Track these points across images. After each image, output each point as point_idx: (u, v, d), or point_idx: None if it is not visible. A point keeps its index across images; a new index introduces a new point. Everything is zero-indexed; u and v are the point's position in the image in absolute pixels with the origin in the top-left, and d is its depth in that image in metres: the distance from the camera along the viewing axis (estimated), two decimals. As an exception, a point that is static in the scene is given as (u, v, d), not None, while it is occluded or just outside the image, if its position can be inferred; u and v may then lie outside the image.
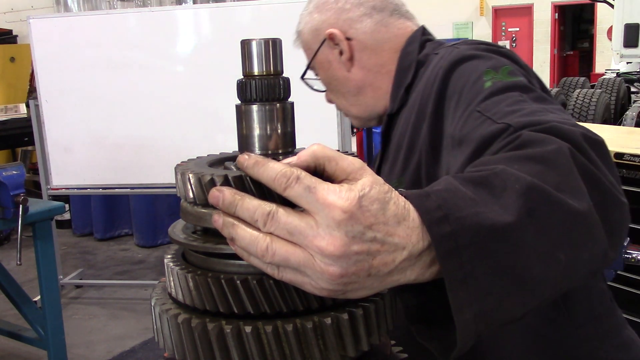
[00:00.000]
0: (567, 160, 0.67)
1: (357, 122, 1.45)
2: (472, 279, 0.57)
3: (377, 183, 0.57)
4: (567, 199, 0.62)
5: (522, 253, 0.59)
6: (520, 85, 0.94)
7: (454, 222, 0.57)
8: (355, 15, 1.31)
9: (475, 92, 0.96)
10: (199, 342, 0.62)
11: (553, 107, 0.89)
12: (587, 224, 0.64)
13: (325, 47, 1.33)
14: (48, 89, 4.67)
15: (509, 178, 0.62)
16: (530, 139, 0.72)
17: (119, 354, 3.96)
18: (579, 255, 0.63)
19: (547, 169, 0.65)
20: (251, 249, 0.57)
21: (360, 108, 1.38)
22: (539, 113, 0.84)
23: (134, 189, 5.01)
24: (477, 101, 0.94)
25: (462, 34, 15.89)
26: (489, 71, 0.98)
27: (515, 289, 0.59)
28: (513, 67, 1.01)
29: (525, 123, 0.79)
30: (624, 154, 2.75)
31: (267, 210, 0.56)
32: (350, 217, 0.54)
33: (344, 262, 0.55)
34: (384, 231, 0.56)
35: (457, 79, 1.04)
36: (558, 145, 0.69)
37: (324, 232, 0.54)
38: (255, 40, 0.68)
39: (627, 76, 8.19)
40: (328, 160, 0.58)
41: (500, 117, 0.85)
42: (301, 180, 0.55)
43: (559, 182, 0.64)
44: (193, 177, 0.65)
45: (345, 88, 1.36)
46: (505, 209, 0.59)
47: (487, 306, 0.58)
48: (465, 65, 1.04)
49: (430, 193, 0.59)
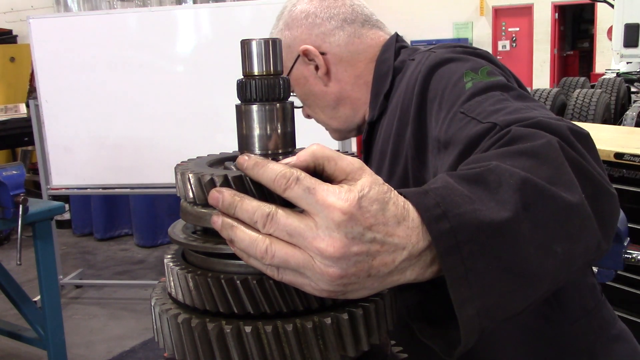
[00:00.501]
0: (558, 154, 0.67)
1: (336, 135, 1.43)
2: (473, 275, 0.57)
3: (377, 183, 0.57)
4: (561, 192, 0.63)
5: (521, 247, 0.59)
6: (500, 85, 0.95)
7: (453, 219, 0.57)
8: (327, 29, 1.30)
9: (456, 93, 0.97)
10: (199, 342, 0.62)
11: (535, 104, 0.89)
12: (581, 216, 0.64)
13: (300, 63, 1.32)
14: (48, 89, 4.68)
15: (503, 173, 0.63)
16: (519, 134, 0.72)
17: (119, 354, 3.97)
18: (574, 247, 0.64)
19: (539, 163, 0.66)
20: (250, 250, 0.57)
21: (340, 120, 1.37)
22: (522, 110, 0.84)
23: (134, 189, 5.01)
24: (460, 102, 0.94)
25: (462, 34, 15.90)
26: (469, 72, 0.99)
27: (516, 283, 0.60)
28: (491, 67, 1.01)
29: (511, 120, 0.79)
30: (624, 154, 2.75)
31: (267, 212, 0.56)
32: (350, 218, 0.54)
33: (344, 263, 0.55)
34: (383, 232, 0.56)
35: (437, 82, 1.04)
36: (547, 139, 0.69)
37: (323, 234, 0.54)
38: (255, 40, 0.68)
39: (627, 76, 8.20)
40: (327, 161, 0.58)
41: (485, 117, 0.86)
42: (301, 182, 0.55)
43: (551, 175, 0.64)
44: (193, 177, 0.65)
45: (324, 102, 1.35)
46: (501, 204, 0.60)
47: (490, 301, 0.59)
48: (444, 69, 1.04)
49: (428, 191, 0.60)
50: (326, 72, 1.31)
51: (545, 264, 0.61)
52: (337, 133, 1.42)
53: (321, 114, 1.38)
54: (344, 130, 1.41)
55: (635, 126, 6.03)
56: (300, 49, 1.30)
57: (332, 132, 1.43)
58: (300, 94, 1.38)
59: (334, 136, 1.45)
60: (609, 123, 6.66)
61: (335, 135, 1.44)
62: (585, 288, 1.15)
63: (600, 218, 0.67)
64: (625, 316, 2.74)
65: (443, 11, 15.81)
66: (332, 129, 1.42)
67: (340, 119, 1.37)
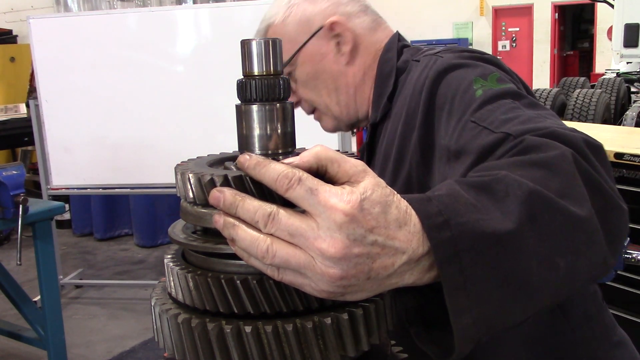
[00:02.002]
0: (570, 166, 0.67)
1: (331, 123, 1.34)
2: (471, 284, 0.57)
3: (379, 186, 0.57)
4: (569, 206, 0.63)
5: (523, 259, 0.59)
6: (510, 92, 0.93)
7: (454, 228, 0.57)
8: (354, 10, 1.27)
9: (466, 101, 0.95)
10: (199, 342, 0.62)
11: (546, 113, 0.88)
12: (588, 230, 0.64)
13: (320, 38, 1.25)
14: (48, 89, 4.68)
15: (512, 184, 0.62)
16: (533, 145, 0.72)
17: (119, 354, 3.97)
18: (579, 262, 0.63)
19: (550, 174, 0.65)
20: (251, 250, 0.57)
21: (342, 108, 1.30)
22: (535, 119, 0.83)
23: (134, 189, 5.01)
24: (470, 111, 0.92)
25: (462, 34, 15.89)
26: (478, 79, 0.97)
27: (516, 295, 0.60)
28: (500, 73, 1.00)
29: (525, 130, 0.78)
30: (624, 154, 2.75)
31: (268, 212, 0.56)
32: (352, 219, 0.54)
33: (345, 264, 0.55)
34: (384, 234, 0.56)
35: (445, 89, 1.01)
36: (561, 150, 0.69)
37: (325, 234, 0.54)
38: (255, 40, 0.68)
39: (627, 76, 8.20)
40: (330, 162, 0.58)
41: (498, 126, 0.84)
42: (303, 182, 0.55)
43: (561, 188, 0.64)
44: (193, 177, 0.65)
45: (335, 84, 1.27)
46: (506, 215, 0.59)
47: (487, 311, 0.59)
48: (452, 74, 1.02)
49: (432, 197, 0.60)
50: (352, 50, 1.25)
51: (547, 278, 0.61)
52: (333, 121, 1.33)
53: (326, 97, 1.29)
54: (343, 121, 1.33)
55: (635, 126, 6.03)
56: (327, 21, 1.24)
57: (328, 120, 1.33)
58: (308, 73, 1.27)
59: (328, 125, 1.34)
60: (609, 123, 6.66)
61: (329, 124, 1.34)
62: (588, 295, 1.13)
63: (608, 233, 0.66)
64: (625, 316, 2.74)
65: (443, 11, 15.81)
66: (330, 115, 1.32)
67: (343, 107, 1.30)
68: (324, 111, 1.32)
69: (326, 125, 1.35)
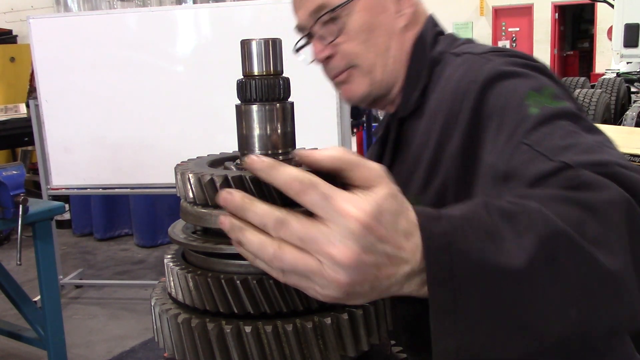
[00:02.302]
0: (619, 213, 0.63)
1: (363, 88, 1.16)
2: (462, 311, 0.56)
3: (394, 195, 0.57)
4: (599, 255, 0.60)
5: (526, 299, 0.58)
6: (568, 113, 0.85)
7: (454, 253, 0.56)
8: None
9: (519, 118, 0.86)
10: (199, 342, 0.62)
11: (605, 140, 0.82)
12: (615, 284, 0.61)
13: None
14: (48, 89, 4.67)
15: (538, 219, 0.59)
16: (588, 182, 0.68)
17: (119, 354, 3.96)
18: (597, 316, 0.61)
19: (590, 218, 0.62)
20: (259, 253, 0.57)
21: (386, 75, 1.15)
22: (596, 150, 0.77)
23: (134, 189, 5.01)
24: (524, 131, 0.84)
25: (462, 34, 15.62)
26: (532, 94, 0.88)
27: (511, 332, 0.58)
28: (555, 88, 0.91)
29: (585, 163, 0.73)
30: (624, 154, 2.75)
31: (278, 217, 0.56)
32: (366, 228, 0.54)
33: (354, 271, 0.55)
34: (393, 244, 0.56)
35: (495, 100, 0.92)
36: (615, 194, 0.65)
37: (337, 241, 0.54)
38: (255, 40, 0.68)
39: (627, 76, 8.21)
40: (349, 165, 0.58)
41: (555, 154, 0.77)
42: (318, 188, 0.55)
43: (598, 235, 0.61)
44: (193, 177, 0.65)
45: (387, 44, 1.13)
46: (520, 250, 0.57)
47: (474, 340, 0.58)
48: (503, 84, 0.92)
49: (443, 217, 0.59)
50: (412, 14, 1.15)
51: (553, 324, 0.59)
52: (368, 87, 1.15)
53: (374, 55, 1.13)
54: (378, 87, 1.16)
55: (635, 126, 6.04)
56: None
57: (363, 82, 1.15)
58: (363, 23, 1.12)
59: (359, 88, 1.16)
60: (609, 123, 6.66)
61: (360, 88, 1.16)
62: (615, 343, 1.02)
63: None
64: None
65: (443, 11, 15.70)
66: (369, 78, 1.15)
67: (389, 72, 1.15)
68: (366, 70, 1.14)
69: (357, 89, 1.16)
